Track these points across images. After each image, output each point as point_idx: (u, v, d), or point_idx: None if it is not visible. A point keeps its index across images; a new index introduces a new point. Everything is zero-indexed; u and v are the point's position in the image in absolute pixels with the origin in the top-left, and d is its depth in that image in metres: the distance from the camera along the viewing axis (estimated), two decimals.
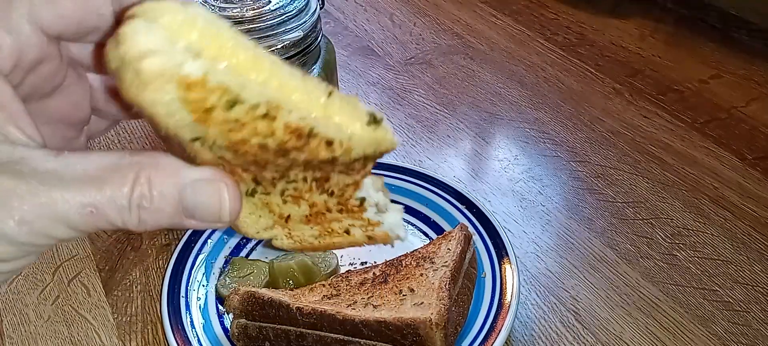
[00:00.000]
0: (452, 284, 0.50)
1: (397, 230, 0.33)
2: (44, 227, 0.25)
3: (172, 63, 0.24)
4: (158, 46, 0.24)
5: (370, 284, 0.53)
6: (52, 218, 0.25)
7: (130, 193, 0.26)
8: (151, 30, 0.24)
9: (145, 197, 0.26)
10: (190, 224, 0.28)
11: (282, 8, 0.61)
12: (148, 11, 0.24)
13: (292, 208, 0.32)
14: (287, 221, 0.32)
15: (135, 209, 0.26)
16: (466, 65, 0.90)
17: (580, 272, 0.59)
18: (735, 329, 0.54)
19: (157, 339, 0.54)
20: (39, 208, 0.25)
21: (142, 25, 0.24)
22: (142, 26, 0.24)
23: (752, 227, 0.63)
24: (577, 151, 0.74)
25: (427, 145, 0.75)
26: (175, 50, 0.24)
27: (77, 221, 0.25)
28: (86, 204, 0.25)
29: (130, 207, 0.26)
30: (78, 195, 0.25)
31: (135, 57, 0.24)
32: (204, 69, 0.24)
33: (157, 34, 0.24)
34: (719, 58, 0.90)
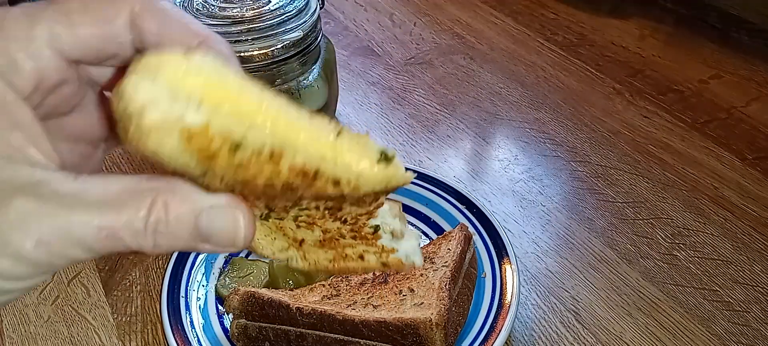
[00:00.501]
0: (452, 284, 0.50)
1: (412, 257, 0.33)
2: (61, 249, 0.25)
3: (173, 115, 0.24)
4: (159, 100, 0.24)
5: (370, 284, 0.53)
6: (69, 240, 0.25)
7: (147, 217, 0.26)
8: (152, 84, 0.24)
9: (161, 222, 0.26)
10: (204, 248, 0.28)
11: (282, 8, 0.61)
12: (151, 66, 0.25)
13: (305, 233, 0.32)
14: (301, 244, 0.32)
15: (151, 234, 0.26)
16: (466, 65, 0.90)
17: (580, 272, 0.59)
18: (735, 329, 0.54)
19: (157, 339, 0.54)
20: (57, 230, 0.25)
21: (142, 81, 0.24)
22: (142, 82, 0.24)
23: (752, 227, 0.63)
24: (577, 151, 0.74)
25: (427, 145, 0.75)
26: (176, 102, 0.24)
27: (93, 243, 0.25)
28: (103, 227, 0.25)
29: (146, 231, 0.26)
30: (95, 218, 0.25)
31: (135, 112, 0.24)
32: (206, 117, 0.25)
33: (158, 88, 0.24)
34: (719, 58, 0.90)
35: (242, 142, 0.26)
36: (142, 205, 0.26)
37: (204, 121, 0.25)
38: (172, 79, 0.25)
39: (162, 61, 0.25)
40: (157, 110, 0.24)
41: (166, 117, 0.24)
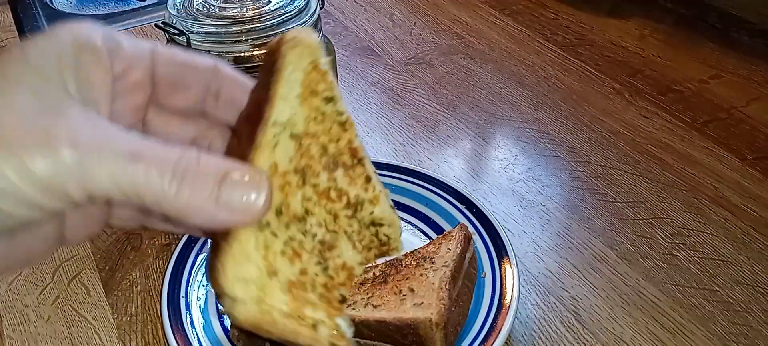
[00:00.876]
0: (452, 284, 0.50)
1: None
2: (91, 159, 0.25)
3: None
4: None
5: (370, 284, 0.53)
6: (102, 152, 0.25)
7: (180, 157, 0.27)
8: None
9: (190, 170, 0.27)
10: (220, 216, 0.28)
11: (282, 8, 0.61)
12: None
13: (284, 264, 0.31)
14: (271, 277, 0.31)
15: (178, 177, 0.26)
16: (466, 65, 0.90)
17: (580, 272, 0.59)
18: (735, 329, 0.54)
19: (157, 339, 0.54)
20: (91, 139, 0.26)
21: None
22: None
23: (752, 227, 0.63)
24: (577, 151, 0.74)
25: (427, 145, 0.75)
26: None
27: (121, 166, 0.26)
28: (136, 152, 0.26)
29: (174, 173, 0.26)
30: (134, 143, 0.26)
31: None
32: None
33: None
34: (719, 58, 0.90)
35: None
36: (176, 150, 0.27)
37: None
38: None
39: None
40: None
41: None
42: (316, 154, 0.33)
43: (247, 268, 0.30)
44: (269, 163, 0.31)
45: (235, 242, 0.30)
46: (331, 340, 0.31)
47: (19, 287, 0.58)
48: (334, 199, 0.33)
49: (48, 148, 0.25)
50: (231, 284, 0.30)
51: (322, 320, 0.31)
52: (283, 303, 0.31)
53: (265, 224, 0.31)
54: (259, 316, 0.30)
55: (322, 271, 0.32)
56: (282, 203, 0.32)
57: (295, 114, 0.32)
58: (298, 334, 0.31)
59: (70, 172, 0.25)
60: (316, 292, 0.32)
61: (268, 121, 0.32)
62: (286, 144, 0.32)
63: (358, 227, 0.34)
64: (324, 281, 0.32)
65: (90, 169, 0.25)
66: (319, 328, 0.31)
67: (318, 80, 0.32)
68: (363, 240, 0.34)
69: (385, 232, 0.35)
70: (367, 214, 0.34)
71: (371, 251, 0.34)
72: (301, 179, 0.32)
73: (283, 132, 0.32)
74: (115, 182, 0.26)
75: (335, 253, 0.33)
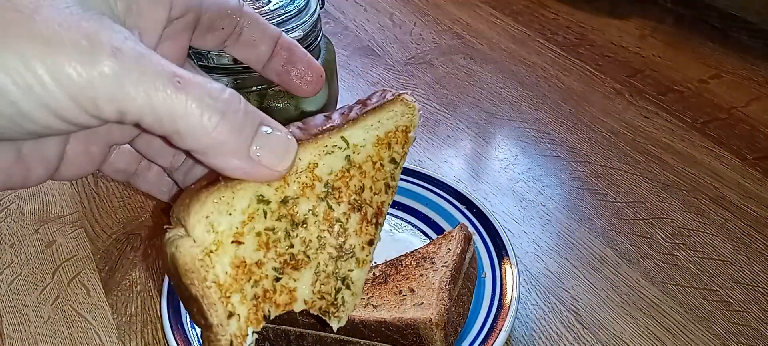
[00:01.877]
0: (452, 284, 0.50)
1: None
2: (131, 75, 0.24)
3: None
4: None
5: (370, 284, 0.53)
6: (144, 71, 0.25)
7: (221, 92, 0.27)
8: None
9: (234, 103, 0.27)
10: (244, 166, 0.28)
11: (282, 8, 0.61)
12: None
13: (252, 244, 0.31)
14: (232, 243, 0.31)
15: (220, 104, 0.26)
16: (466, 65, 0.90)
17: (580, 272, 0.59)
18: (735, 329, 0.54)
19: (157, 339, 0.54)
20: (137, 52, 0.25)
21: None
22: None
23: (752, 227, 0.63)
24: (577, 151, 0.74)
25: (427, 145, 0.75)
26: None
27: (162, 88, 0.25)
28: (180, 77, 0.25)
29: (216, 101, 0.26)
30: (177, 70, 0.26)
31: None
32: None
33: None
34: (719, 58, 0.90)
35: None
36: (220, 86, 0.27)
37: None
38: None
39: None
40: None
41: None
42: (353, 188, 0.34)
43: (222, 218, 0.30)
44: (310, 160, 0.33)
45: (231, 189, 0.30)
46: (232, 339, 0.30)
47: (19, 287, 0.58)
48: (334, 232, 0.34)
49: (89, 54, 0.23)
50: (196, 220, 0.29)
51: (239, 315, 0.31)
52: (223, 272, 0.30)
53: (266, 200, 0.31)
54: (196, 265, 0.29)
55: (273, 279, 0.32)
56: (294, 197, 0.32)
57: (364, 146, 0.35)
58: (213, 308, 0.30)
59: (107, 85, 0.24)
60: (253, 289, 0.31)
61: (341, 131, 0.34)
62: (337, 159, 0.34)
63: (331, 272, 0.34)
64: (267, 287, 0.32)
65: (128, 86, 0.24)
66: (231, 319, 0.30)
67: (399, 141, 0.36)
68: (325, 285, 0.34)
69: (345, 296, 0.35)
70: (347, 268, 0.35)
71: (322, 300, 0.34)
72: (325, 193, 0.33)
73: (344, 149, 0.34)
74: (151, 104, 0.25)
75: (294, 275, 0.33)
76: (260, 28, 0.37)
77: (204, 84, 0.26)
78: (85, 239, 0.63)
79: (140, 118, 0.25)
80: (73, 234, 0.64)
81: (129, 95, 0.24)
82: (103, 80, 0.24)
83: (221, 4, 0.35)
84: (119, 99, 0.24)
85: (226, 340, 0.30)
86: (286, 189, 0.32)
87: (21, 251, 0.62)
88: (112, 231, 0.64)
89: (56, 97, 0.23)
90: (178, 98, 0.25)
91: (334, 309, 0.35)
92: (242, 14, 0.36)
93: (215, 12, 0.34)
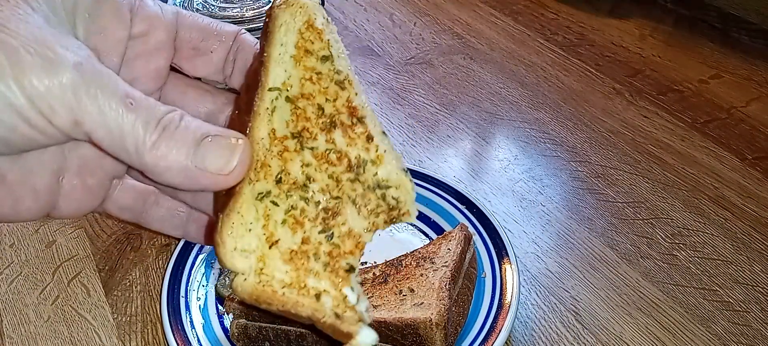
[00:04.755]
0: (452, 284, 0.50)
1: (364, 341, 0.31)
2: (88, 89, 0.26)
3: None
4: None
5: (370, 284, 0.53)
6: (99, 86, 0.26)
7: (166, 113, 0.28)
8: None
9: (173, 123, 0.28)
10: (192, 174, 0.28)
11: None
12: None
13: (286, 233, 0.31)
14: (271, 247, 0.31)
15: (160, 129, 0.28)
16: (466, 65, 0.90)
17: (580, 272, 0.59)
18: (735, 329, 0.54)
19: (157, 339, 0.54)
20: (92, 70, 0.26)
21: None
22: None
23: (752, 227, 0.63)
24: (577, 151, 0.74)
25: (427, 145, 0.75)
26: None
27: (116, 104, 0.26)
28: (130, 97, 0.27)
29: (157, 124, 0.27)
30: (129, 90, 0.27)
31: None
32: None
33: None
34: (719, 58, 0.90)
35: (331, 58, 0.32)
36: (164, 107, 0.28)
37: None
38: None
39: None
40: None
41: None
42: (313, 116, 0.32)
43: (246, 239, 0.30)
44: (267, 131, 0.31)
45: (233, 213, 0.30)
46: (335, 310, 0.30)
47: (19, 287, 0.58)
48: (334, 162, 0.32)
49: (52, 65, 0.25)
50: (230, 258, 0.30)
51: (326, 290, 0.31)
52: (283, 273, 0.30)
53: (264, 193, 0.31)
54: (259, 288, 0.30)
55: (327, 239, 0.31)
56: (282, 170, 0.31)
57: (291, 77, 0.32)
58: (300, 305, 0.30)
59: (65, 94, 0.26)
60: (320, 261, 0.31)
61: (265, 86, 0.32)
62: (282, 109, 0.32)
63: (362, 190, 0.32)
64: (329, 249, 0.31)
65: (84, 99, 0.26)
66: (322, 298, 0.30)
67: (313, 39, 0.32)
68: (368, 204, 0.32)
69: (393, 194, 0.32)
70: (371, 176, 0.32)
71: (379, 216, 0.32)
72: (299, 143, 0.32)
73: (279, 96, 0.32)
74: (103, 118, 0.26)
75: (340, 220, 0.32)
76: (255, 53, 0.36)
77: (152, 106, 0.28)
78: (85, 239, 0.63)
79: (93, 131, 0.27)
80: (73, 234, 0.63)
81: (84, 108, 0.26)
82: (62, 90, 0.26)
83: (203, 23, 0.34)
84: (75, 110, 0.26)
85: (330, 317, 0.30)
86: (270, 170, 0.31)
87: (21, 251, 0.62)
88: (112, 231, 0.64)
89: (20, 101, 0.25)
90: (127, 117, 0.27)
91: (396, 212, 0.33)
92: (235, 39, 0.35)
93: (196, 31, 0.34)
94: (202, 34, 0.34)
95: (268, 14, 0.33)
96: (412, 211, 0.33)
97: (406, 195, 0.33)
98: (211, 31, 0.35)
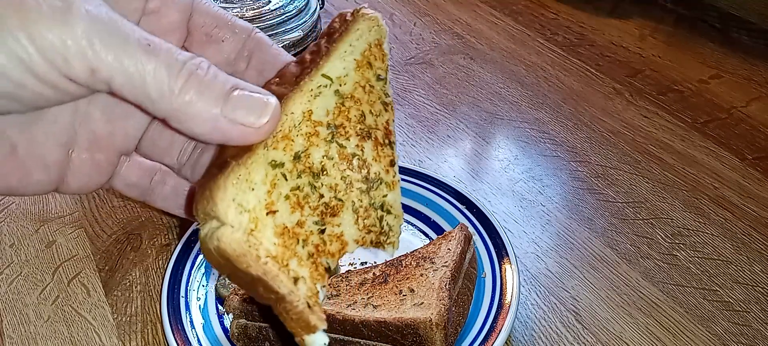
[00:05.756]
0: (452, 284, 0.50)
1: (319, 340, 0.31)
2: (103, 38, 0.25)
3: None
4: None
5: (370, 284, 0.53)
6: (115, 34, 0.25)
7: (189, 58, 0.27)
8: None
9: (201, 67, 0.27)
10: (220, 124, 0.27)
11: (282, 8, 0.61)
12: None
13: (285, 208, 0.31)
14: (268, 215, 0.31)
15: (185, 72, 0.26)
16: (466, 65, 0.90)
17: (580, 272, 0.59)
18: (735, 329, 0.54)
19: (157, 339, 0.54)
20: (110, 18, 0.25)
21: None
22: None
23: (752, 227, 0.63)
24: (577, 151, 0.74)
25: (427, 145, 0.75)
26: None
27: (133, 49, 0.25)
28: (149, 42, 0.26)
29: (182, 66, 0.26)
30: (148, 36, 0.26)
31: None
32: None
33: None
34: (719, 58, 0.90)
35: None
36: (188, 53, 0.27)
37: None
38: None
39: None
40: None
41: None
42: (354, 119, 0.34)
43: (247, 196, 0.30)
44: (303, 109, 0.32)
45: (244, 166, 0.30)
46: (307, 300, 0.30)
47: (19, 287, 0.58)
48: (355, 167, 0.34)
49: (63, 15, 0.25)
50: (226, 206, 0.29)
51: (303, 277, 0.31)
52: (271, 244, 0.30)
53: (278, 163, 0.31)
54: (245, 247, 0.29)
55: (318, 232, 0.32)
56: (304, 150, 0.32)
57: (347, 75, 0.34)
58: (278, 280, 0.30)
59: (78, 44, 0.25)
60: (306, 249, 0.31)
61: (319, 70, 0.33)
62: (328, 98, 0.33)
63: (367, 204, 0.34)
64: (316, 242, 0.32)
65: (98, 46, 0.25)
66: (298, 284, 0.30)
67: (377, 57, 0.35)
68: (367, 219, 0.34)
69: (389, 221, 0.35)
70: (381, 195, 0.35)
71: (370, 234, 0.35)
72: (331, 135, 0.33)
73: (329, 86, 0.33)
74: (122, 66, 0.25)
75: (336, 221, 0.33)
76: (272, 54, 0.35)
77: (173, 50, 0.27)
78: (85, 239, 0.63)
79: (111, 79, 0.26)
80: (73, 234, 0.64)
81: (99, 55, 0.25)
82: (75, 40, 0.25)
83: (218, 12, 0.34)
84: (90, 58, 0.25)
85: (302, 303, 0.30)
86: (293, 145, 0.31)
87: (21, 251, 0.62)
88: (112, 231, 0.64)
89: (30, 54, 0.24)
90: (148, 61, 0.26)
91: (385, 237, 0.35)
92: (250, 36, 0.35)
93: (210, 17, 0.34)
94: (216, 21, 0.34)
95: (342, 16, 0.35)
96: (396, 245, 0.36)
97: (397, 226, 0.36)
98: (225, 21, 0.34)
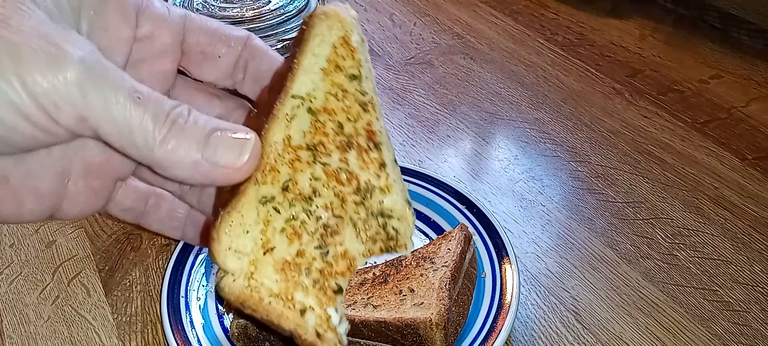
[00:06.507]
0: (452, 284, 0.50)
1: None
2: (94, 84, 0.26)
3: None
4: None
5: (370, 284, 0.53)
6: (105, 82, 0.26)
7: (174, 106, 0.28)
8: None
9: (181, 117, 0.28)
10: (201, 168, 0.28)
11: (282, 8, 0.61)
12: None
13: (282, 242, 0.31)
14: (266, 254, 0.31)
15: (169, 122, 0.27)
16: (466, 65, 0.90)
17: (580, 272, 0.59)
18: (735, 329, 0.54)
19: (157, 339, 0.54)
20: (100, 65, 0.26)
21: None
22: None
23: (752, 227, 0.63)
24: (577, 151, 0.74)
25: (427, 145, 0.75)
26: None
27: (123, 99, 0.26)
28: (137, 91, 0.27)
29: (166, 118, 0.27)
30: (136, 84, 0.27)
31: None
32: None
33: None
34: (719, 58, 0.90)
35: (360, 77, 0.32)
36: (171, 102, 0.28)
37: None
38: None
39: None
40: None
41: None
42: (331, 132, 0.32)
43: (242, 240, 0.30)
44: (283, 136, 0.31)
45: (235, 211, 0.30)
46: (317, 329, 0.30)
47: (19, 287, 0.58)
48: (343, 181, 0.32)
49: (55, 60, 0.25)
50: (223, 257, 0.29)
51: (311, 306, 0.31)
52: (273, 282, 0.30)
53: (268, 198, 0.31)
54: (245, 292, 0.29)
55: (321, 256, 0.32)
56: (290, 178, 0.31)
57: (316, 88, 0.32)
58: (284, 317, 0.30)
59: (69, 90, 0.25)
60: (310, 277, 0.31)
61: (288, 93, 0.31)
62: (302, 119, 0.31)
63: (365, 215, 0.32)
64: (321, 266, 0.31)
65: (89, 94, 0.25)
66: (306, 315, 0.30)
67: (345, 56, 0.32)
68: (369, 230, 0.33)
69: (394, 225, 0.33)
70: (377, 202, 0.33)
71: (376, 243, 0.33)
72: (312, 156, 0.31)
73: (301, 106, 0.31)
74: (110, 113, 0.26)
75: (338, 239, 0.32)
76: (267, 62, 0.35)
77: (161, 101, 0.27)
78: (85, 239, 0.63)
79: (99, 126, 0.26)
80: (73, 234, 0.64)
81: (91, 103, 0.26)
82: (67, 86, 0.25)
83: (212, 27, 0.34)
84: (80, 106, 0.25)
85: (311, 334, 0.30)
86: (279, 176, 0.31)
87: (21, 251, 0.62)
88: (112, 231, 0.64)
89: (22, 99, 0.25)
90: (135, 112, 0.26)
91: (394, 242, 0.33)
92: (245, 45, 0.34)
93: (204, 35, 0.34)
94: (211, 38, 0.34)
95: (304, 22, 0.32)
96: (409, 245, 0.33)
97: (406, 228, 0.33)
98: (219, 36, 0.34)
